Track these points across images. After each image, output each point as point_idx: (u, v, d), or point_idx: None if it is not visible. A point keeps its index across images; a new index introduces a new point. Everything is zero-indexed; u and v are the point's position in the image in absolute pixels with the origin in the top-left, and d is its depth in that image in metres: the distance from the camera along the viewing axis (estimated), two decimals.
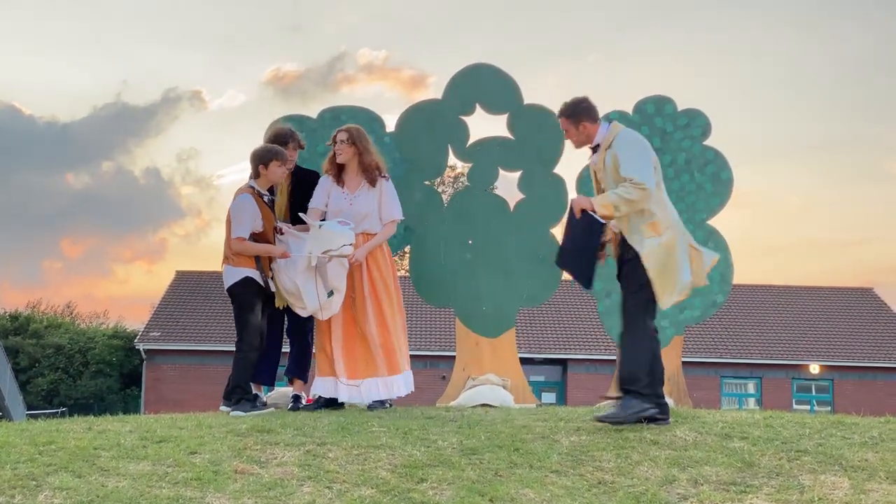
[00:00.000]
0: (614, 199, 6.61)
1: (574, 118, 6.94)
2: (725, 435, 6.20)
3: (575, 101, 6.95)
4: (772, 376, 34.07)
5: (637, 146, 6.80)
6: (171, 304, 36.10)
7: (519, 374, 10.11)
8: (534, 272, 10.23)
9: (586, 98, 6.99)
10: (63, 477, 5.06)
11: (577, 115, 6.92)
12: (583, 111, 6.92)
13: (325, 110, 10.52)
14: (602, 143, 6.88)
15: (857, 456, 5.75)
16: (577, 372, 33.69)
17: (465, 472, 5.39)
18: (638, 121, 10.33)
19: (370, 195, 8.21)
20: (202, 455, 5.55)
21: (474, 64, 10.53)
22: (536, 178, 10.30)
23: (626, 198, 6.57)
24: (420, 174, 10.36)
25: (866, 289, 39.68)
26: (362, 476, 5.28)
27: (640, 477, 5.44)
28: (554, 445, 5.96)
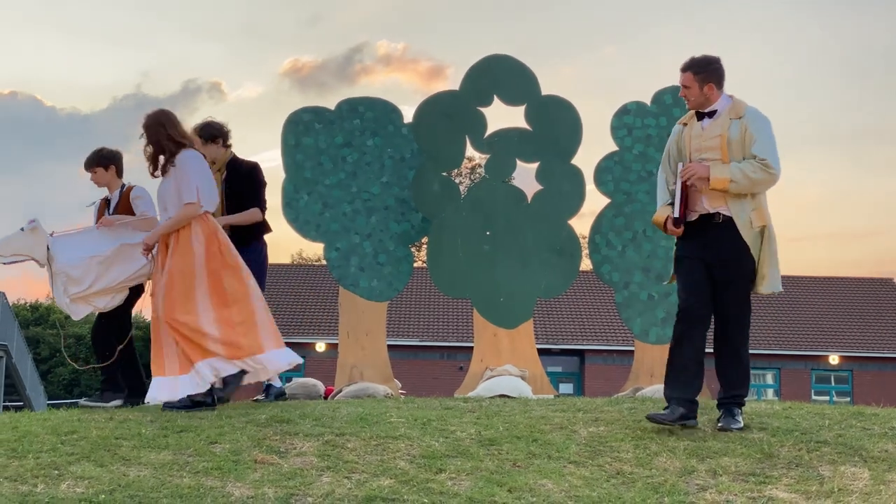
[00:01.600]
0: (736, 173, 6.01)
1: (702, 76, 6.22)
2: (744, 426, 6.18)
3: (707, 59, 6.28)
4: (791, 367, 33.98)
5: (770, 127, 6.22)
6: None
7: (537, 365, 10.11)
8: (551, 263, 10.24)
9: (719, 59, 6.32)
10: (85, 466, 5.11)
11: (707, 73, 6.23)
12: (713, 72, 6.24)
13: (342, 102, 10.54)
14: (724, 111, 6.22)
15: (877, 447, 5.74)
16: (594, 363, 33.67)
17: (483, 463, 5.40)
18: (656, 111, 10.31)
19: (169, 180, 7.29)
20: (222, 445, 5.58)
21: (492, 55, 10.53)
22: (554, 169, 10.30)
23: (751, 176, 6.01)
24: (437, 165, 10.37)
25: (886, 279, 39.51)
26: (381, 466, 5.31)
27: (658, 468, 5.44)
28: (572, 436, 5.97)
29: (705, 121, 6.25)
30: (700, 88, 6.20)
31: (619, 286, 10.23)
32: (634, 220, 10.21)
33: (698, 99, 6.23)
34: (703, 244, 6.14)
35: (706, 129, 6.22)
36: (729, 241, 6.08)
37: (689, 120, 6.37)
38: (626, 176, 10.27)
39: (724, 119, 6.18)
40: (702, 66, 6.20)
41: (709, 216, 6.14)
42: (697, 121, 6.29)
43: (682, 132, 6.34)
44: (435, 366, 32.44)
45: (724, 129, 6.15)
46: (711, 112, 6.24)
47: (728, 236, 6.08)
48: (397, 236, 10.32)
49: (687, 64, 6.23)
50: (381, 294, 10.27)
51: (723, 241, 6.09)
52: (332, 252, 10.29)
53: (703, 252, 6.13)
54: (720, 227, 6.11)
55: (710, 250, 6.12)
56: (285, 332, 33.92)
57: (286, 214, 10.28)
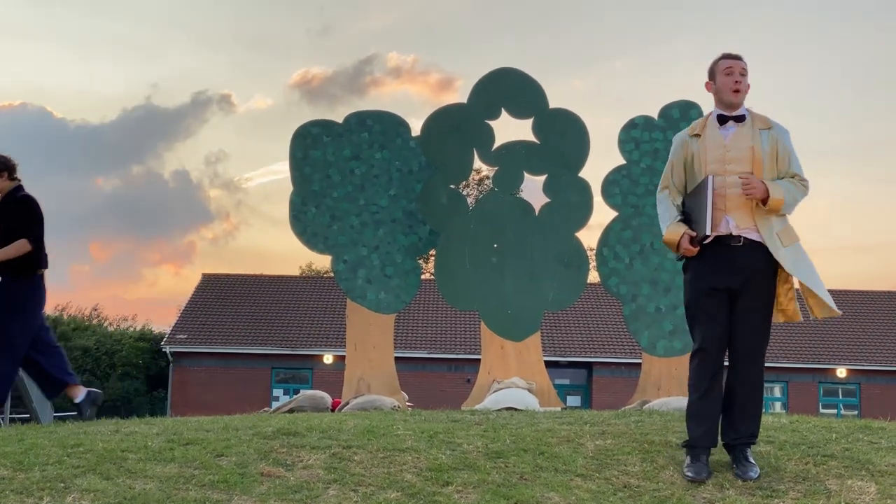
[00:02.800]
0: (786, 193, 5.53)
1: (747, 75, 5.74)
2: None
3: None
4: (798, 380, 33.88)
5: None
6: (197, 306, 36.27)
7: (544, 378, 10.11)
8: (559, 276, 10.24)
9: None
10: (91, 479, 5.10)
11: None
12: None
13: (350, 115, 10.58)
14: (752, 118, 5.68)
15: (885, 461, 5.71)
16: (602, 375, 33.61)
17: (490, 476, 5.39)
18: (663, 125, 10.32)
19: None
20: (228, 458, 5.58)
21: (500, 68, 10.57)
22: (562, 182, 10.32)
23: (797, 197, 5.60)
24: (445, 177, 10.40)
25: (893, 292, 39.39)
26: (388, 479, 5.30)
27: (665, 481, 5.43)
28: (579, 449, 5.96)
29: (730, 128, 5.65)
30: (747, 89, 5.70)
31: (626, 299, 10.23)
32: (642, 233, 10.21)
33: (747, 91, 5.68)
34: (724, 269, 5.55)
35: (731, 138, 5.61)
36: (754, 265, 5.54)
37: (701, 130, 5.72)
38: (633, 189, 10.28)
39: (752, 129, 5.63)
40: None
41: (727, 237, 5.54)
42: (720, 126, 5.67)
43: (696, 142, 5.69)
44: (443, 378, 32.40)
45: (756, 140, 5.58)
46: (739, 117, 5.67)
47: (753, 260, 5.54)
48: (405, 249, 10.33)
49: (737, 53, 5.70)
50: (388, 306, 10.28)
51: (747, 266, 5.53)
52: (340, 264, 10.31)
53: (724, 278, 5.55)
54: (743, 250, 5.54)
55: (732, 276, 5.54)
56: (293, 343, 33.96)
57: (294, 227, 10.31)
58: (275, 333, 34.37)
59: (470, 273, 10.25)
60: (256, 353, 33.56)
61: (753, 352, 5.64)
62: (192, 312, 35.89)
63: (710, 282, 5.58)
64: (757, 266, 5.55)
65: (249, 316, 35.38)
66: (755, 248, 5.55)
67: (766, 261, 5.56)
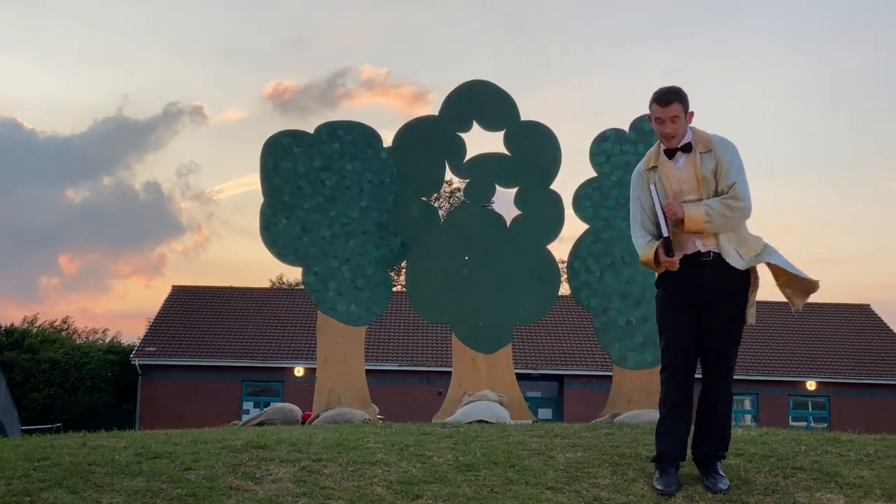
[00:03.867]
0: (710, 212, 5.58)
1: (685, 104, 5.74)
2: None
3: (679, 88, 5.78)
4: (768, 393, 34.03)
5: (738, 153, 5.77)
6: (167, 319, 36.04)
7: (515, 390, 10.10)
8: (530, 288, 10.24)
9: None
10: (57, 493, 5.04)
11: (687, 102, 5.75)
12: (688, 100, 5.78)
13: (321, 125, 10.56)
14: (696, 143, 5.75)
15: (853, 473, 5.74)
16: (573, 388, 33.63)
17: (460, 489, 5.37)
18: (634, 138, 10.36)
19: None
20: (197, 471, 5.53)
21: (471, 80, 10.58)
22: (533, 194, 10.33)
23: (725, 214, 5.59)
24: (417, 190, 10.39)
25: (863, 305, 39.67)
26: (357, 492, 5.27)
27: (635, 494, 5.43)
28: (550, 462, 5.95)
29: (679, 159, 5.75)
30: (685, 119, 5.73)
31: (597, 311, 10.24)
32: (613, 246, 10.23)
33: (683, 131, 5.74)
34: (695, 285, 5.65)
35: (682, 168, 5.73)
36: (722, 280, 5.64)
37: (657, 161, 5.82)
38: (604, 202, 10.30)
39: (695, 154, 5.72)
40: (683, 96, 5.72)
41: (696, 255, 5.66)
42: (669, 159, 5.77)
43: (654, 175, 5.80)
44: (414, 390, 32.32)
45: (697, 165, 5.69)
46: (685, 146, 5.74)
47: (721, 274, 5.63)
48: (376, 261, 10.31)
49: (671, 95, 5.69)
50: (359, 319, 10.25)
51: (714, 280, 5.63)
52: (311, 276, 10.27)
53: (694, 293, 5.65)
54: (710, 266, 5.64)
55: (702, 291, 5.64)
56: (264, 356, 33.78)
57: (264, 238, 10.26)
58: (245, 346, 34.19)
59: (441, 285, 10.24)
60: (227, 365, 33.36)
61: (723, 366, 5.70)
62: (162, 325, 35.67)
63: (680, 297, 5.68)
64: (725, 280, 5.63)
65: (220, 328, 35.18)
66: (722, 263, 5.64)
67: (731, 273, 5.65)
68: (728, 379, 5.72)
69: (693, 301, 5.65)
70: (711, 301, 5.64)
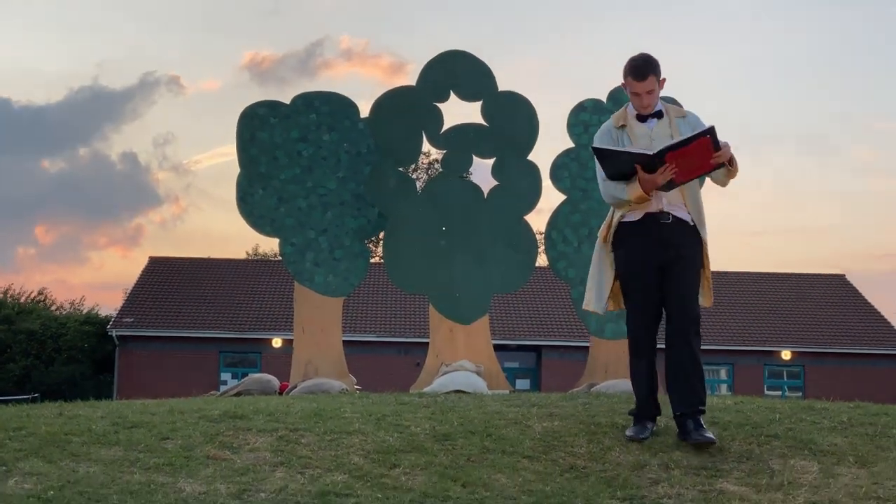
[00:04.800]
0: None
1: (659, 75, 5.81)
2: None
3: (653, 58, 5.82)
4: (744, 363, 34.31)
5: None
6: (144, 290, 35.95)
7: (492, 361, 10.13)
8: (508, 259, 10.26)
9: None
10: (33, 462, 5.04)
11: (659, 72, 5.81)
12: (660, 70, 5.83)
13: (297, 96, 10.50)
14: (669, 111, 5.90)
15: (827, 441, 5.80)
16: (551, 358, 33.79)
17: (437, 458, 5.40)
18: (612, 108, 10.34)
19: None
20: (174, 441, 5.54)
21: (448, 50, 10.55)
22: (510, 165, 10.32)
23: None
24: (394, 160, 10.36)
25: (838, 275, 39.96)
26: (335, 462, 5.29)
27: (611, 462, 5.47)
28: (526, 431, 5.98)
29: (651, 122, 5.86)
30: (660, 88, 5.83)
31: (574, 282, 10.27)
32: (591, 217, 10.25)
33: (655, 101, 5.84)
34: (654, 244, 5.78)
35: (654, 129, 5.83)
36: (681, 241, 5.78)
37: (625, 121, 5.92)
38: (582, 173, 10.32)
39: (671, 119, 5.84)
40: (656, 66, 5.78)
41: (658, 215, 5.78)
42: (641, 122, 5.87)
43: (623, 134, 5.89)
44: (392, 361, 32.38)
45: (674, 129, 5.79)
46: (657, 113, 5.87)
47: (680, 236, 5.78)
48: (353, 232, 10.29)
49: (644, 68, 5.75)
50: (336, 289, 10.24)
51: (674, 241, 5.76)
52: (288, 247, 10.25)
53: (655, 252, 5.77)
54: (671, 227, 5.78)
55: (662, 251, 5.76)
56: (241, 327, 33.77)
57: (241, 209, 10.22)
58: (223, 317, 34.16)
59: (418, 256, 10.24)
60: (204, 336, 33.33)
61: (688, 320, 5.80)
62: (139, 296, 35.58)
63: (641, 256, 5.83)
64: (684, 241, 5.80)
65: (197, 299, 35.12)
66: (682, 225, 5.81)
67: (692, 237, 5.83)
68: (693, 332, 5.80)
69: (654, 260, 5.79)
70: (671, 261, 5.77)
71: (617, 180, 5.76)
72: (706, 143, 5.49)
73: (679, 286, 5.80)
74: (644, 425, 5.89)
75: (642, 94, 5.78)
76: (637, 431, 5.83)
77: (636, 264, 5.86)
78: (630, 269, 5.90)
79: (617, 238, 5.93)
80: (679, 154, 5.50)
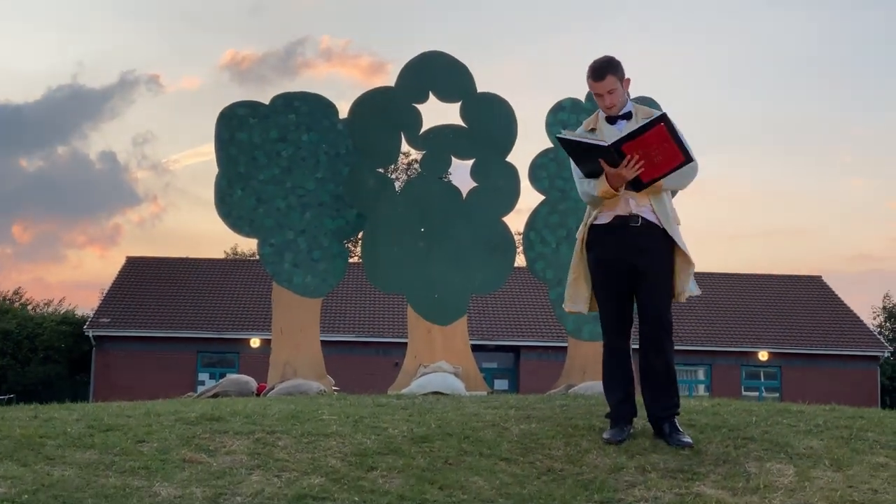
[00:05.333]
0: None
1: (620, 75, 5.83)
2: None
3: (614, 59, 5.85)
4: (721, 363, 34.43)
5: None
6: (121, 289, 35.76)
7: (470, 362, 10.14)
8: (486, 260, 10.26)
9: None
10: (7, 465, 5.00)
11: (621, 71, 5.84)
12: (622, 69, 5.86)
13: (277, 96, 10.49)
14: (636, 111, 5.92)
15: (803, 443, 5.82)
16: (529, 359, 33.82)
17: (415, 461, 5.39)
18: (590, 108, 10.36)
19: None
20: (150, 443, 5.50)
21: (427, 52, 10.55)
22: (489, 166, 10.33)
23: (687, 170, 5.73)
24: (372, 161, 10.35)
25: (815, 277, 40.16)
26: (312, 464, 5.27)
27: (589, 465, 5.47)
28: (504, 433, 5.98)
29: (620, 124, 5.88)
30: (623, 89, 5.86)
31: (552, 283, 10.28)
32: (568, 218, 10.27)
33: (621, 101, 5.87)
34: (624, 248, 5.81)
35: (624, 131, 5.73)
36: (653, 243, 5.80)
37: (595, 125, 5.99)
38: (560, 173, 10.33)
39: (639, 120, 5.82)
40: (616, 66, 5.81)
41: (625, 219, 5.80)
42: (610, 125, 5.91)
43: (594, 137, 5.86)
44: (370, 362, 32.33)
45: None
46: (625, 115, 5.90)
47: (649, 239, 5.79)
48: (332, 232, 10.28)
49: (602, 69, 5.79)
50: (315, 290, 10.22)
51: (643, 245, 5.78)
52: (266, 248, 10.22)
53: (624, 255, 5.81)
54: (640, 230, 5.78)
55: (631, 254, 5.80)
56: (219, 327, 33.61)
57: (219, 210, 10.19)
58: (200, 317, 34.03)
59: (397, 257, 10.23)
60: (182, 336, 33.18)
61: (660, 326, 5.82)
62: (116, 296, 35.39)
63: (611, 259, 5.86)
64: (653, 245, 5.80)
65: (175, 299, 34.97)
66: (651, 228, 5.80)
67: (662, 240, 5.81)
68: (666, 336, 5.83)
69: (623, 264, 5.81)
70: (641, 265, 5.79)
71: (592, 178, 5.78)
72: (662, 132, 5.47)
73: (651, 292, 5.82)
74: (621, 428, 5.90)
75: (603, 94, 5.84)
76: (614, 434, 5.84)
77: (606, 268, 5.89)
78: (600, 273, 5.93)
79: (589, 240, 5.97)
80: (638, 145, 5.49)
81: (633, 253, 5.80)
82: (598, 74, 5.81)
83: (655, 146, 5.51)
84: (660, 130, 5.47)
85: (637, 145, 5.49)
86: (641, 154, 5.51)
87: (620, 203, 5.79)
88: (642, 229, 5.79)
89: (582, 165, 5.80)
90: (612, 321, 5.97)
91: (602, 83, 5.81)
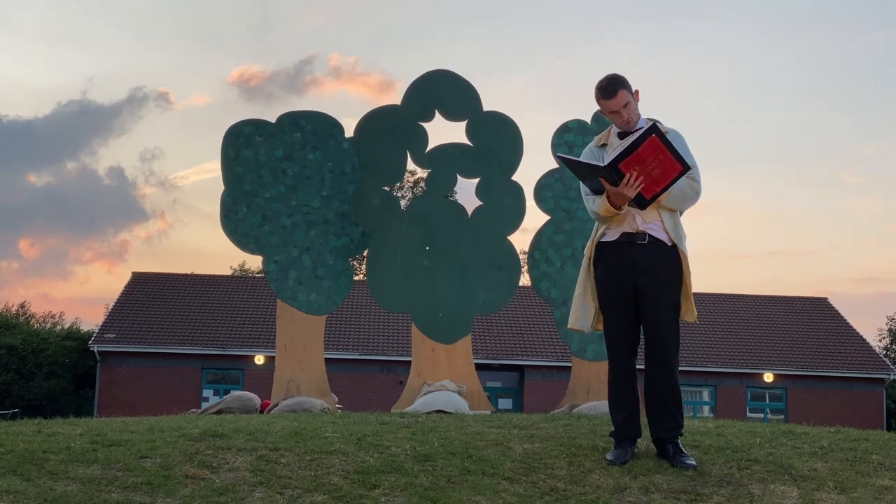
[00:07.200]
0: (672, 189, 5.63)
1: (629, 89, 5.79)
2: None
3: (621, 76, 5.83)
4: (726, 384, 34.33)
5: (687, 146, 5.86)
6: (126, 305, 35.78)
7: (474, 381, 10.13)
8: (491, 279, 10.26)
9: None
10: (11, 480, 5.00)
11: (629, 87, 5.80)
12: (630, 85, 5.82)
13: (283, 115, 10.52)
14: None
15: (807, 465, 5.80)
16: (533, 378, 33.76)
17: (417, 479, 5.38)
18: (596, 129, 10.39)
19: None
20: (153, 459, 5.50)
21: (434, 70, 10.58)
22: (495, 184, 10.35)
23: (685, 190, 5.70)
24: (378, 179, 10.37)
25: (820, 298, 40.08)
26: (314, 482, 5.26)
27: (592, 485, 5.46)
28: (507, 452, 5.97)
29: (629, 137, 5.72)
30: (635, 100, 5.82)
31: (557, 303, 10.28)
32: (574, 237, 10.27)
33: (632, 116, 5.81)
34: (631, 266, 5.76)
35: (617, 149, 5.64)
36: (660, 261, 5.75)
37: (607, 140, 5.95)
38: (565, 193, 10.34)
39: None
40: (623, 81, 5.79)
41: (632, 236, 5.77)
42: (622, 139, 5.82)
43: (604, 153, 5.86)
44: (374, 380, 32.31)
45: None
46: (637, 130, 5.74)
47: (659, 256, 5.74)
48: (336, 250, 10.29)
49: (612, 85, 5.76)
50: (319, 308, 10.23)
51: (654, 262, 5.73)
52: (271, 265, 10.23)
53: (631, 274, 5.76)
54: (647, 248, 5.74)
55: (638, 273, 5.75)
56: (224, 344, 33.60)
57: (225, 227, 10.21)
58: (205, 333, 34.04)
59: (401, 275, 10.23)
60: (186, 352, 33.17)
61: (665, 346, 5.78)
62: (122, 311, 35.41)
63: (617, 277, 5.81)
64: (660, 263, 5.75)
65: (180, 315, 34.98)
66: (658, 245, 5.75)
67: (669, 258, 5.77)
68: (671, 357, 5.79)
69: (630, 282, 5.76)
70: (647, 283, 5.74)
71: (599, 194, 5.76)
72: (655, 144, 5.43)
73: (657, 311, 5.78)
74: (625, 448, 5.88)
75: (618, 109, 5.79)
76: (617, 455, 5.81)
77: (612, 286, 5.84)
78: (606, 290, 5.88)
79: (596, 256, 5.94)
80: (634, 161, 5.45)
81: (638, 271, 5.76)
82: (608, 92, 5.78)
83: (651, 159, 5.46)
84: (652, 142, 5.44)
85: (633, 162, 5.45)
86: (639, 170, 5.47)
87: (628, 220, 5.75)
88: (649, 247, 5.75)
89: (587, 183, 5.80)
90: (618, 340, 5.92)
91: (615, 100, 5.77)
